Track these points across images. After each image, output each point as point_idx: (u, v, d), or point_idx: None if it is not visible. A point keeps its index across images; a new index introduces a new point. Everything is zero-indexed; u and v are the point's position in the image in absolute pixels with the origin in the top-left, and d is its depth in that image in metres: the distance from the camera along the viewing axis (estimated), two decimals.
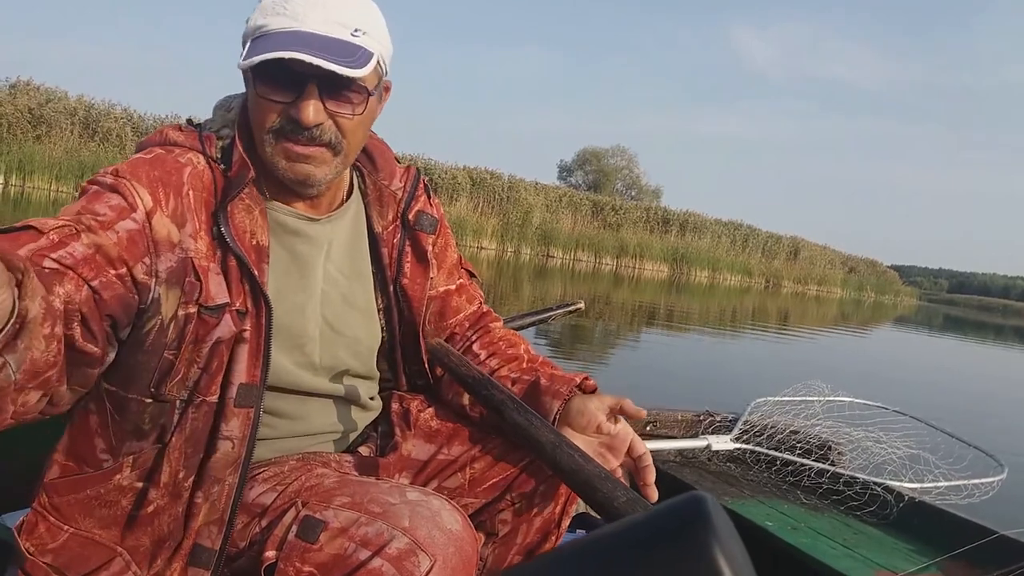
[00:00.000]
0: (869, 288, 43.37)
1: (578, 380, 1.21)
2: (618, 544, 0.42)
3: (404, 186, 1.22)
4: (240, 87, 1.06)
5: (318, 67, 0.93)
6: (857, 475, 2.17)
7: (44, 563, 0.98)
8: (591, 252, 28.41)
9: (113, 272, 0.90)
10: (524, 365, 1.27)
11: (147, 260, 0.93)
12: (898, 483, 2.14)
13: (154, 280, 0.94)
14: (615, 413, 1.15)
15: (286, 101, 0.98)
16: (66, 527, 0.99)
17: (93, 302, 0.87)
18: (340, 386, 1.16)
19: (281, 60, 0.93)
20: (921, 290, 77.74)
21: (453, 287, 1.30)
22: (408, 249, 1.21)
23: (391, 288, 1.20)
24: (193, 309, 0.96)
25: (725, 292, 24.80)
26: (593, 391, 1.21)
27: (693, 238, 33.13)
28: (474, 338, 1.31)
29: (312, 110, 0.97)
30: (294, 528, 0.93)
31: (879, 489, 2.11)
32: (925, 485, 2.14)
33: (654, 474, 1.12)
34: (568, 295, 13.53)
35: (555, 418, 1.17)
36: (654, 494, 1.10)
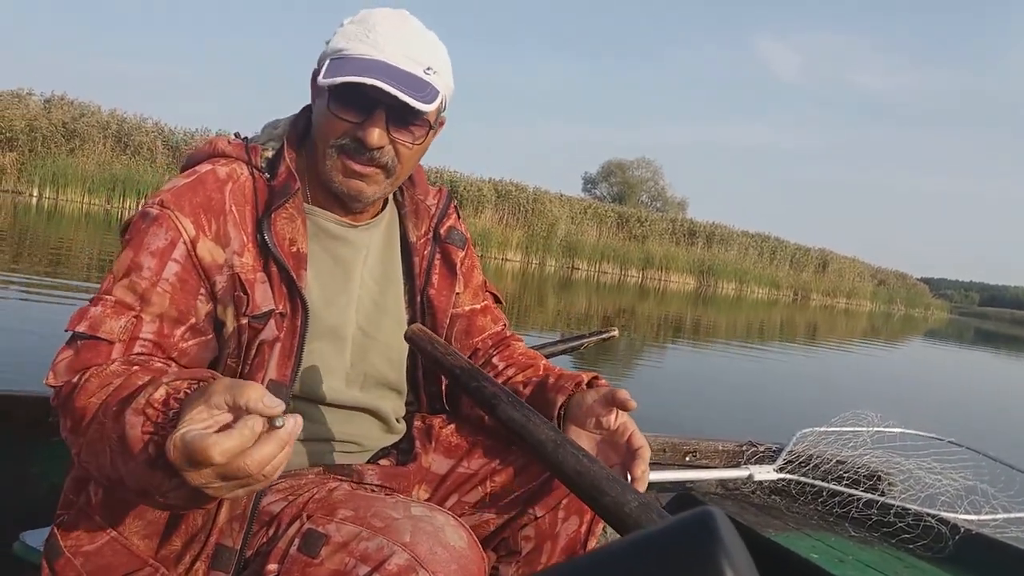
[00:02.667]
0: (899, 301, 42.77)
1: (586, 378, 1.19)
2: (620, 563, 0.42)
3: (437, 203, 1.29)
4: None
5: (389, 95, 1.00)
6: (908, 506, 2.07)
7: (76, 564, 0.99)
8: (616, 264, 28.29)
9: (182, 328, 1.00)
10: (540, 372, 1.27)
11: (203, 290, 1.02)
12: (953, 515, 2.04)
13: (213, 304, 1.03)
14: (608, 403, 1.11)
15: (355, 121, 1.05)
16: (108, 530, 0.99)
17: (185, 364, 0.99)
18: (371, 397, 1.17)
19: (358, 83, 1.00)
20: (952, 303, 76.38)
21: (479, 307, 1.34)
22: (438, 261, 1.26)
23: (418, 298, 1.23)
24: (245, 321, 1.03)
25: (753, 305, 24.53)
26: None
27: (720, 250, 32.89)
28: (495, 352, 1.33)
29: (377, 134, 1.05)
30: (296, 541, 0.94)
31: (933, 521, 2.02)
32: (982, 517, 2.04)
33: (643, 466, 1.06)
34: (593, 307, 13.44)
35: (559, 413, 1.15)
36: (641, 486, 1.04)
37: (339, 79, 1.00)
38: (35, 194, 18.63)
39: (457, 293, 1.29)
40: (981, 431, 5.94)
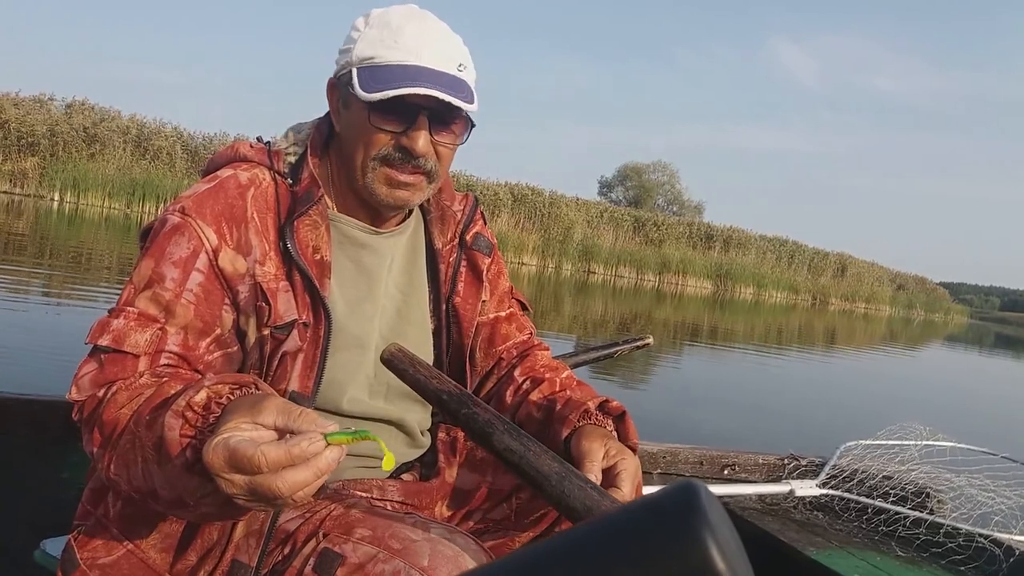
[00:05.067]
0: (918, 306, 42.37)
1: (593, 405, 1.11)
2: (603, 536, 0.39)
3: (463, 209, 1.26)
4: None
5: (431, 100, 0.99)
6: (960, 525, 1.99)
7: None
8: (633, 268, 28.20)
9: (207, 340, 0.97)
10: (556, 388, 1.21)
11: (227, 300, 1.00)
12: (1007, 535, 1.96)
13: (236, 314, 1.00)
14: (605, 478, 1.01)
15: (398, 131, 1.02)
16: (125, 542, 0.97)
17: (212, 374, 0.95)
18: (396, 408, 1.14)
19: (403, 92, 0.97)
20: (972, 308, 75.68)
21: (503, 314, 1.30)
22: (464, 268, 1.22)
23: (444, 307, 1.20)
24: (267, 331, 1.00)
25: (771, 309, 24.35)
26: (620, 415, 1.11)
27: (737, 254, 32.72)
28: (517, 363, 1.29)
29: (423, 141, 1.02)
30: (312, 561, 0.91)
31: (985, 541, 1.93)
32: None
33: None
34: (610, 312, 13.36)
35: (564, 449, 1.07)
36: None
37: (390, 92, 0.98)
38: (56, 198, 18.82)
39: (483, 301, 1.25)
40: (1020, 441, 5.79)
